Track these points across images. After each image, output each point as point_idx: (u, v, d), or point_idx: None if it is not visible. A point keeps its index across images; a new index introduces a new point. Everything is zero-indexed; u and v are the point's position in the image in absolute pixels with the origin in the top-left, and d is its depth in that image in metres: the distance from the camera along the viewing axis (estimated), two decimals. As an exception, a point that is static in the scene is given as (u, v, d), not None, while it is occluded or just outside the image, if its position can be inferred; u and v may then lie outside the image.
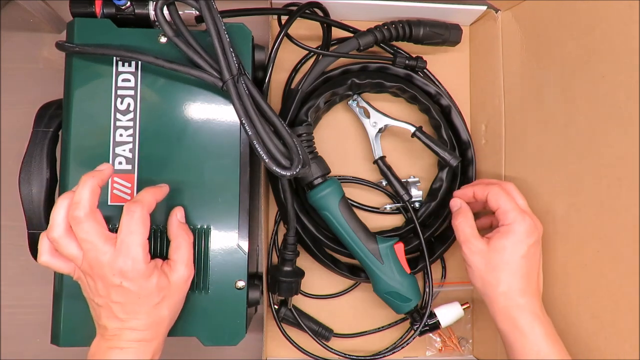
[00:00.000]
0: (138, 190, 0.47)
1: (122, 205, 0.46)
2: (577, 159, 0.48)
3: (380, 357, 0.62)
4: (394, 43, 0.62)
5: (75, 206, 0.40)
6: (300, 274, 0.57)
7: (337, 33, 0.60)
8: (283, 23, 0.56)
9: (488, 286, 0.49)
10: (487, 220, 0.58)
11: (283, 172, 0.43)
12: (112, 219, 0.47)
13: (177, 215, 0.46)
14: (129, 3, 0.48)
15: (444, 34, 0.60)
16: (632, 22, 0.41)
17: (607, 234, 0.44)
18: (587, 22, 0.46)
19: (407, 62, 0.60)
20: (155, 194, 0.44)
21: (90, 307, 0.44)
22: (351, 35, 0.59)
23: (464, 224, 0.52)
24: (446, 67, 0.65)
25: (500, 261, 0.48)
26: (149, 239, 0.44)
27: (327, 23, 0.59)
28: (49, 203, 0.49)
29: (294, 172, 0.43)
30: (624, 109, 0.42)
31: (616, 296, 0.44)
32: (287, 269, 0.56)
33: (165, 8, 0.45)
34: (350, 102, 0.63)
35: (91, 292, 0.42)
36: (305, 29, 0.62)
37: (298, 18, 0.56)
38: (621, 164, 0.43)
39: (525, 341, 0.47)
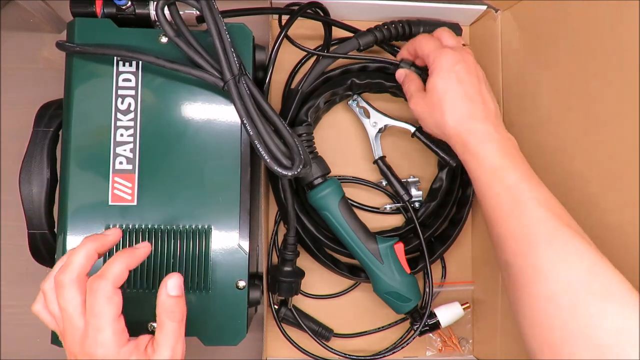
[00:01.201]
0: (138, 190, 0.47)
1: (122, 206, 0.47)
2: (570, 158, 0.48)
3: (380, 357, 0.62)
4: (394, 43, 0.62)
5: (63, 269, 0.37)
6: (300, 274, 0.57)
7: (337, 33, 0.61)
8: (283, 23, 0.56)
9: (440, 125, 0.49)
10: None
11: (284, 172, 0.43)
12: (112, 220, 0.47)
13: (168, 286, 0.38)
14: (129, 3, 0.48)
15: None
16: (627, 22, 0.41)
17: (598, 235, 0.44)
18: (581, 22, 0.46)
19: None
20: (126, 260, 0.38)
21: None
22: (351, 35, 0.59)
23: (408, 85, 0.53)
24: (446, 67, 0.65)
25: (438, 97, 0.48)
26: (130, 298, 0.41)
27: (328, 23, 0.59)
28: (50, 203, 0.49)
29: (296, 172, 0.43)
30: (616, 108, 0.42)
31: None
32: (287, 269, 0.56)
33: (166, 8, 0.45)
34: (350, 102, 0.63)
35: (67, 354, 0.39)
36: (306, 28, 0.62)
37: (298, 18, 0.56)
38: (612, 163, 0.43)
39: (477, 162, 0.46)
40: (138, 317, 0.47)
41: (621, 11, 0.42)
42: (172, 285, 0.38)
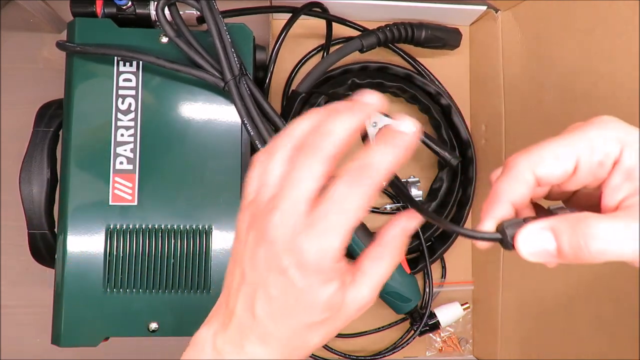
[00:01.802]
0: (139, 190, 0.47)
1: (123, 206, 0.47)
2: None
3: (380, 357, 0.62)
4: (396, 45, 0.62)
5: (322, 134, 0.27)
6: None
7: (337, 33, 0.61)
8: (284, 23, 0.56)
9: None
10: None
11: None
12: (112, 220, 0.47)
13: (405, 222, 0.32)
14: (130, 3, 0.48)
15: (445, 38, 0.60)
16: (631, 23, 0.41)
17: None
18: (586, 22, 0.46)
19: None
20: (395, 160, 0.28)
21: (227, 274, 0.31)
22: (355, 32, 0.59)
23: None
24: (446, 67, 0.65)
25: None
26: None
27: (332, 20, 0.58)
28: (50, 203, 0.49)
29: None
30: (617, 108, 0.42)
31: (616, 295, 0.44)
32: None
33: (166, 8, 0.45)
34: (350, 102, 0.63)
35: (244, 255, 0.28)
36: (306, 28, 0.62)
37: (299, 18, 0.56)
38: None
39: None
40: (137, 318, 0.47)
41: (622, 11, 0.42)
42: (408, 226, 0.31)
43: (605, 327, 0.45)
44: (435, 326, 0.59)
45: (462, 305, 0.61)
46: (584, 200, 0.30)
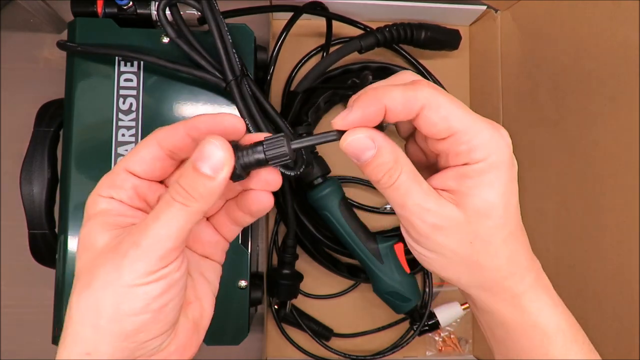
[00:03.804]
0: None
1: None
2: (567, 157, 0.48)
3: (380, 357, 0.62)
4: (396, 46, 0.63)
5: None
6: (299, 277, 0.57)
7: (338, 33, 0.61)
8: (285, 23, 0.56)
9: (482, 273, 0.30)
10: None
11: (287, 172, 0.43)
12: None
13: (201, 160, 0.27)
14: (131, 3, 0.48)
15: (444, 39, 0.60)
16: (625, 23, 0.41)
17: (592, 234, 0.44)
18: (580, 22, 0.47)
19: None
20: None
21: None
22: (356, 31, 0.59)
23: (407, 182, 0.29)
24: (446, 67, 0.66)
25: (494, 228, 0.28)
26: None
27: (334, 19, 0.58)
28: (50, 203, 0.49)
29: (298, 172, 0.43)
30: (615, 108, 0.42)
31: (600, 297, 0.44)
32: (286, 271, 0.56)
33: (167, 9, 0.45)
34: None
35: None
36: (306, 28, 0.63)
37: (299, 18, 0.56)
38: (605, 161, 0.43)
39: (550, 345, 0.30)
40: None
41: (620, 11, 0.42)
42: (208, 163, 0.26)
43: (590, 329, 0.45)
44: (435, 326, 0.59)
45: (461, 305, 0.61)
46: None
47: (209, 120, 0.28)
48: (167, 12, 0.45)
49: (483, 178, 0.28)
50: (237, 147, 0.28)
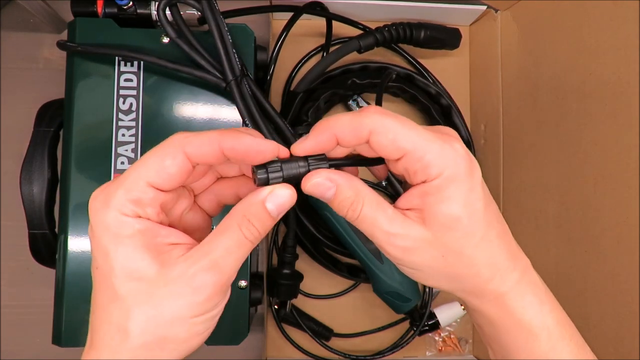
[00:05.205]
0: (140, 190, 0.47)
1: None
2: (567, 158, 0.48)
3: (380, 357, 0.62)
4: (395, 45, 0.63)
5: None
6: (299, 277, 0.57)
7: (338, 33, 0.61)
8: (285, 23, 0.56)
9: (462, 281, 0.31)
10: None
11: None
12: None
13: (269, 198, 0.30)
14: (131, 3, 0.48)
15: (444, 38, 0.60)
16: (626, 22, 0.41)
17: (593, 234, 0.44)
18: (580, 21, 0.47)
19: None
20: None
21: None
22: (356, 30, 0.59)
23: (371, 212, 0.30)
24: (446, 67, 0.66)
25: (462, 239, 0.29)
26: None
27: (334, 19, 0.58)
28: (50, 203, 0.49)
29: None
30: (615, 107, 0.42)
31: (600, 297, 0.44)
32: (286, 271, 0.56)
33: (167, 9, 0.45)
34: (350, 102, 0.63)
35: None
36: (306, 28, 0.63)
37: (299, 18, 0.56)
38: (605, 161, 0.43)
39: (534, 342, 0.31)
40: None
41: (620, 11, 0.42)
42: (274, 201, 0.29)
43: (591, 329, 0.45)
44: (435, 326, 0.59)
45: (461, 305, 0.61)
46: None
47: (251, 144, 0.29)
48: (167, 12, 0.45)
49: (442, 194, 0.29)
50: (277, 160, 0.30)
